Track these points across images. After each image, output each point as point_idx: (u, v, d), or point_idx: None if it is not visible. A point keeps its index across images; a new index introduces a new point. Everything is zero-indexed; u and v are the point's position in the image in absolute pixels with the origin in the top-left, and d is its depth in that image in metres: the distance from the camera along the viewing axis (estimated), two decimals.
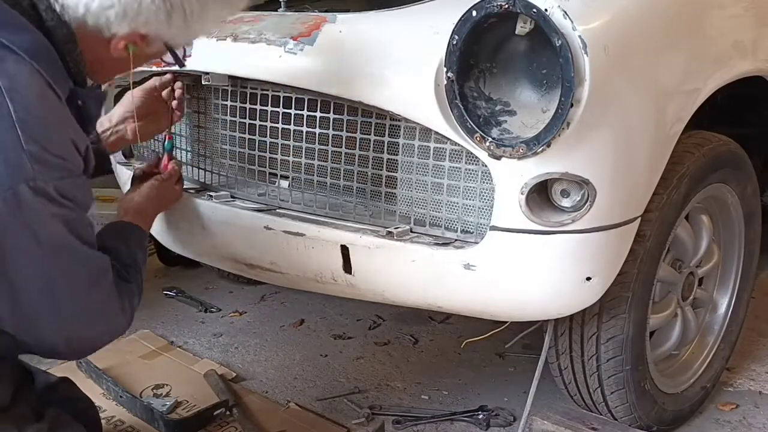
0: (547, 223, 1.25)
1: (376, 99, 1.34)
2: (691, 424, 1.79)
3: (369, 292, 1.46)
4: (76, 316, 1.15)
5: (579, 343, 1.54)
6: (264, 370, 2.05)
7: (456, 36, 1.17)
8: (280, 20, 1.52)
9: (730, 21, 1.56)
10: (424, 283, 1.38)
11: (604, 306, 1.46)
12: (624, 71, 1.22)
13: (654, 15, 1.31)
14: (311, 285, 1.55)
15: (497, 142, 1.18)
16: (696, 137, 1.55)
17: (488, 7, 1.13)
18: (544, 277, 1.31)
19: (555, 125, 1.13)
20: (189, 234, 1.70)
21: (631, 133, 1.28)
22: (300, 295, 2.48)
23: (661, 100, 1.34)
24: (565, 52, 1.10)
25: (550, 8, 1.11)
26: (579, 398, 1.65)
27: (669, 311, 1.67)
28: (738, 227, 1.79)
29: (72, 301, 1.13)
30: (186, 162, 1.80)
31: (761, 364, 2.06)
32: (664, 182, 1.41)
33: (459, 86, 1.19)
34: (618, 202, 1.30)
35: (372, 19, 1.44)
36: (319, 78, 1.40)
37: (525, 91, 1.20)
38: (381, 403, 1.86)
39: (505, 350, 2.09)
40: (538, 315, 1.46)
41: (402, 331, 2.28)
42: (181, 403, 1.81)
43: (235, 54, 1.51)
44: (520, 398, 1.79)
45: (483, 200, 1.31)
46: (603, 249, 1.32)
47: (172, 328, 2.32)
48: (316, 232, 1.44)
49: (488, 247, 1.29)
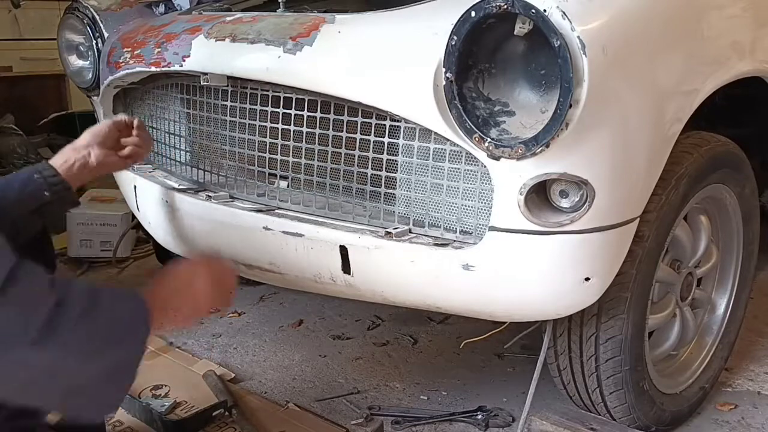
0: (546, 224, 1.25)
1: (374, 100, 1.34)
2: (690, 425, 1.79)
3: (368, 292, 1.46)
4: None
5: (578, 343, 1.54)
6: (263, 371, 2.05)
7: (455, 36, 1.17)
8: (279, 21, 1.51)
9: (729, 21, 1.56)
10: (423, 283, 1.38)
11: (602, 306, 1.47)
12: (623, 72, 1.22)
13: (652, 15, 1.31)
14: (310, 285, 1.55)
15: (496, 143, 1.19)
16: (694, 138, 1.55)
17: (487, 8, 1.13)
18: (542, 277, 1.31)
19: (554, 126, 1.13)
20: (187, 234, 1.70)
21: (629, 134, 1.28)
22: (299, 296, 2.48)
23: (660, 101, 1.34)
24: (564, 52, 1.10)
25: (548, 9, 1.11)
26: (578, 398, 1.65)
27: (668, 312, 1.67)
28: (736, 228, 1.80)
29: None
30: (184, 162, 1.80)
31: (760, 365, 2.06)
32: (662, 183, 1.41)
33: (458, 87, 1.19)
34: (617, 202, 1.30)
35: (371, 20, 1.44)
36: (318, 78, 1.40)
37: (524, 92, 1.20)
38: (380, 404, 1.85)
39: (504, 351, 2.09)
40: (536, 315, 1.46)
41: (401, 332, 2.28)
42: (179, 403, 1.81)
43: (234, 54, 1.51)
44: (519, 398, 1.79)
45: (482, 201, 1.31)
46: (602, 249, 1.32)
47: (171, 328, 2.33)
48: (315, 233, 1.44)
49: (487, 247, 1.29)
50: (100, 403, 1.06)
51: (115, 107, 1.99)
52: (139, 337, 1.06)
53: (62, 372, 0.97)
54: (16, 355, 0.92)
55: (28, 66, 3.98)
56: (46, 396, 1.00)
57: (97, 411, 1.11)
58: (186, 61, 1.60)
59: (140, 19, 1.97)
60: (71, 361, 0.97)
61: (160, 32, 1.72)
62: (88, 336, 0.98)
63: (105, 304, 1.02)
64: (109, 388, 1.05)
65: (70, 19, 2.01)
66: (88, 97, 2.07)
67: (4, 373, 0.93)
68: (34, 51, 4.00)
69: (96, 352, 1.00)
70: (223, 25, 1.59)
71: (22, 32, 4.08)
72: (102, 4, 2.00)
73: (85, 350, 0.98)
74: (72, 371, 0.98)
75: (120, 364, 1.04)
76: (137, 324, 1.06)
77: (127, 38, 1.83)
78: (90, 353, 0.99)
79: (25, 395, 0.99)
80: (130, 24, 1.95)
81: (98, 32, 1.96)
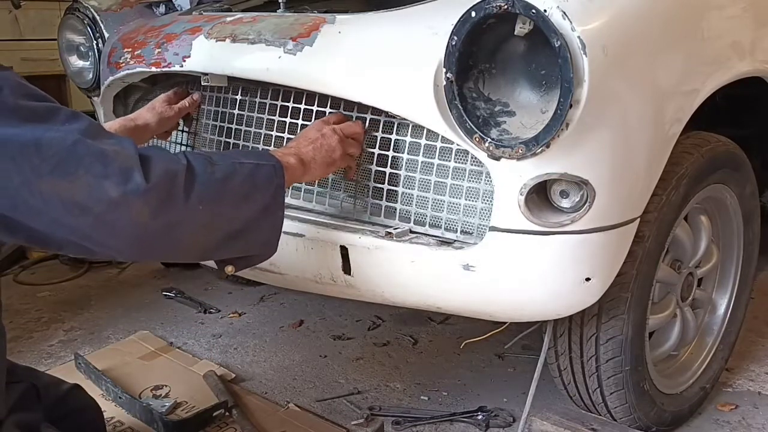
0: (546, 224, 1.25)
1: (375, 100, 1.34)
2: (691, 425, 1.79)
3: (368, 292, 1.46)
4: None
5: (578, 343, 1.54)
6: (263, 371, 2.05)
7: (455, 37, 1.17)
8: (280, 21, 1.52)
9: (729, 22, 1.56)
10: (423, 283, 1.38)
11: (603, 307, 1.47)
12: (623, 72, 1.22)
13: (653, 16, 1.31)
14: (310, 286, 1.55)
15: (496, 143, 1.19)
16: (695, 138, 1.55)
17: (487, 8, 1.13)
18: (543, 277, 1.31)
19: (554, 126, 1.13)
20: None
21: (630, 134, 1.28)
22: (299, 296, 2.48)
23: (660, 101, 1.34)
24: (564, 52, 1.10)
25: (549, 9, 1.11)
26: (578, 399, 1.65)
27: (668, 312, 1.67)
28: (737, 228, 1.80)
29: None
30: None
31: (760, 365, 2.06)
32: (663, 183, 1.41)
33: (458, 87, 1.19)
34: (617, 202, 1.30)
35: (371, 20, 1.44)
36: (318, 79, 1.40)
37: (524, 92, 1.20)
38: (380, 404, 1.85)
39: (505, 351, 2.09)
40: (537, 316, 1.46)
41: (401, 332, 2.28)
42: (180, 404, 1.81)
43: (234, 55, 1.51)
44: (520, 399, 1.79)
45: (482, 201, 1.31)
46: (602, 250, 1.32)
47: (172, 329, 2.33)
48: (315, 233, 1.44)
49: (487, 247, 1.29)
50: (259, 242, 1.21)
51: (115, 108, 1.99)
52: (273, 179, 1.19)
53: (217, 222, 1.11)
54: (173, 215, 1.04)
55: (28, 66, 3.97)
56: (212, 244, 1.14)
57: (262, 247, 1.23)
58: (186, 61, 1.60)
59: (141, 20, 1.97)
60: (223, 210, 1.11)
61: (161, 32, 1.72)
62: (229, 191, 1.12)
63: (228, 162, 1.15)
64: (263, 226, 1.19)
65: (70, 19, 2.02)
66: (89, 97, 2.07)
67: (170, 235, 1.05)
68: (35, 51, 3.99)
69: (243, 198, 1.14)
70: (224, 26, 1.59)
71: (23, 33, 4.07)
72: (102, 5, 2.00)
73: (230, 200, 1.12)
74: (224, 219, 1.12)
75: (266, 205, 1.18)
76: (268, 170, 1.19)
77: (128, 39, 1.83)
78: (236, 201, 1.13)
79: (191, 250, 1.13)
80: (131, 24, 1.95)
81: (99, 33, 1.96)
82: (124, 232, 1.00)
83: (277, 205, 1.20)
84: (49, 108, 1.00)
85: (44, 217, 0.97)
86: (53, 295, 2.64)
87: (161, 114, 1.66)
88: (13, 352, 2.13)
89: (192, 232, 1.08)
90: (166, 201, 1.02)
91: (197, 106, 1.72)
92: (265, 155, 1.23)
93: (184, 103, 1.69)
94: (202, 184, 1.07)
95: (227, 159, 1.16)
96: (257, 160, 1.20)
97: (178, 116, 1.70)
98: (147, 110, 1.66)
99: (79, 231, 0.99)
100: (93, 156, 0.97)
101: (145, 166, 1.01)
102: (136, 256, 1.13)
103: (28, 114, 0.97)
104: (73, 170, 0.96)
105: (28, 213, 0.97)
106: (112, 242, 1.01)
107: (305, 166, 1.29)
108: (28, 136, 0.95)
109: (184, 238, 1.08)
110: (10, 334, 2.22)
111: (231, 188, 1.12)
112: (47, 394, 1.31)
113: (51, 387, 1.35)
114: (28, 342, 2.26)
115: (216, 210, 1.10)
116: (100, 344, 2.23)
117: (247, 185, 1.15)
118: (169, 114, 1.67)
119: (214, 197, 1.09)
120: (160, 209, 1.01)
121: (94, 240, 1.01)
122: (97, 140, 0.99)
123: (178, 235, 1.06)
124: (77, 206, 0.97)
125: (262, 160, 1.20)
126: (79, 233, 1.00)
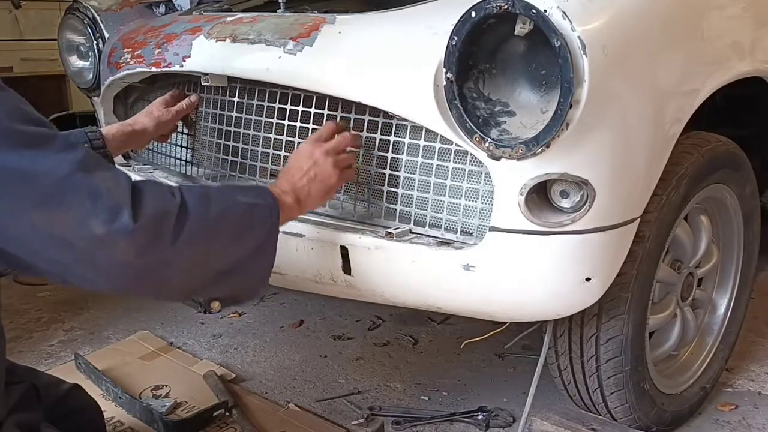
0: (547, 224, 1.25)
1: (375, 100, 1.34)
2: (691, 425, 1.79)
3: (368, 292, 1.46)
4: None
5: (578, 343, 1.54)
6: (263, 371, 2.05)
7: (455, 37, 1.17)
8: (280, 21, 1.52)
9: (729, 22, 1.56)
10: (424, 283, 1.38)
11: (603, 307, 1.47)
12: (623, 72, 1.22)
13: (653, 16, 1.31)
14: (310, 286, 1.55)
15: (496, 143, 1.19)
16: (695, 138, 1.55)
17: (487, 8, 1.13)
18: (543, 277, 1.31)
19: (554, 126, 1.13)
20: None
21: (630, 134, 1.28)
22: (299, 296, 2.48)
23: (660, 101, 1.34)
24: (564, 52, 1.10)
25: (549, 9, 1.11)
26: (578, 399, 1.65)
27: (668, 312, 1.67)
28: (737, 228, 1.80)
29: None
30: (182, 160, 1.80)
31: (760, 365, 2.06)
32: (663, 183, 1.41)
33: (458, 87, 1.19)
34: (617, 202, 1.30)
35: (371, 21, 1.44)
36: (318, 79, 1.40)
37: (524, 92, 1.20)
38: (380, 404, 1.86)
39: (505, 351, 2.09)
40: (537, 316, 1.46)
41: (401, 332, 2.28)
42: (180, 404, 1.81)
43: (235, 55, 1.51)
44: (520, 399, 1.79)
45: (482, 201, 1.31)
46: (602, 250, 1.32)
47: (172, 329, 2.33)
48: (316, 233, 1.44)
49: (487, 247, 1.29)
50: (249, 281, 1.20)
51: (115, 108, 1.99)
52: (268, 220, 1.18)
53: (206, 262, 1.09)
54: (160, 255, 1.02)
55: (28, 66, 3.97)
56: (199, 284, 1.12)
57: (251, 287, 1.23)
58: (186, 61, 1.60)
59: (141, 20, 1.98)
60: (213, 250, 1.09)
61: (161, 33, 1.72)
62: (221, 231, 1.10)
63: (223, 200, 1.13)
64: (254, 266, 1.18)
65: (70, 19, 2.02)
66: (89, 97, 2.08)
67: (155, 275, 1.03)
68: (35, 51, 3.99)
69: (235, 238, 1.12)
70: (224, 26, 1.59)
71: (23, 33, 4.07)
72: (102, 5, 2.00)
73: (221, 240, 1.10)
74: (214, 259, 1.10)
75: (259, 245, 1.16)
76: (264, 210, 1.18)
77: (128, 39, 1.83)
78: (228, 241, 1.11)
79: (177, 289, 1.12)
80: (131, 24, 1.95)
81: (99, 33, 1.96)
82: (107, 270, 0.98)
83: (270, 244, 1.18)
84: (45, 135, 0.97)
85: (26, 246, 0.95)
86: (53, 295, 2.63)
87: (159, 118, 1.66)
88: (13, 352, 2.13)
89: (178, 272, 1.06)
90: (153, 241, 0.99)
91: (195, 108, 1.71)
92: (263, 193, 1.21)
93: (181, 106, 1.69)
94: (193, 224, 1.04)
95: (224, 195, 1.14)
96: (254, 199, 1.18)
97: (175, 119, 1.69)
98: (144, 115, 1.66)
99: (61, 264, 0.97)
100: (83, 191, 0.95)
101: (137, 204, 0.98)
102: (119, 293, 1.09)
103: (22, 139, 0.94)
104: (59, 203, 0.94)
105: (9, 241, 0.95)
106: (93, 277, 0.99)
107: (301, 204, 1.28)
108: (17, 163, 0.92)
109: (170, 278, 1.06)
110: (10, 334, 2.22)
111: (224, 227, 1.10)
112: (47, 394, 1.31)
113: (51, 387, 1.35)
114: (28, 342, 2.26)
115: (206, 250, 1.08)
116: (100, 344, 2.23)
117: (241, 225, 1.13)
118: (166, 117, 1.67)
119: (205, 237, 1.07)
120: (147, 249, 0.99)
121: (77, 274, 0.99)
122: (90, 174, 0.97)
123: (164, 274, 1.04)
124: (61, 240, 0.95)
125: (259, 198, 1.18)
126: (60, 266, 0.98)
